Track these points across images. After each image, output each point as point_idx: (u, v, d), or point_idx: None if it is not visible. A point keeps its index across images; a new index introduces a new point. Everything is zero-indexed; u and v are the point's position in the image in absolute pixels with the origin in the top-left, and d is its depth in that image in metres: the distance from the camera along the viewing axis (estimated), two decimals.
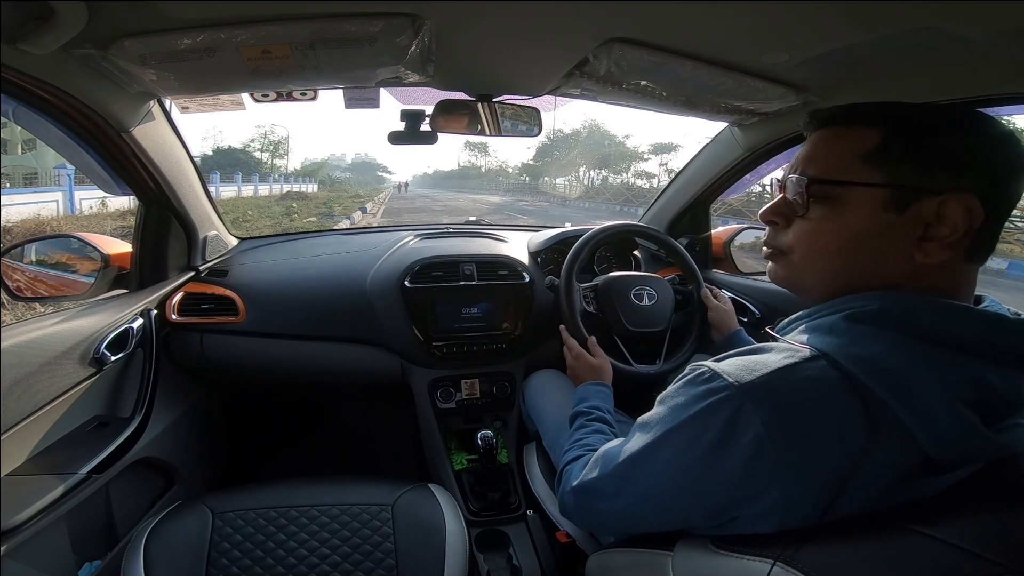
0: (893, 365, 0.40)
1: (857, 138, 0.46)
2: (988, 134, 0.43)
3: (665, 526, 0.52)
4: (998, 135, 0.43)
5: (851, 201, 0.46)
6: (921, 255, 0.43)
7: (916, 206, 0.43)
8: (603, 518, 0.59)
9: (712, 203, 1.45)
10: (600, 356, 0.98)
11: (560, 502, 0.66)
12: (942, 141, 0.43)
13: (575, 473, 0.63)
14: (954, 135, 0.43)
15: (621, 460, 0.54)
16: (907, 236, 0.43)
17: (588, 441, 0.72)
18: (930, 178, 0.43)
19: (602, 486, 0.56)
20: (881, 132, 0.45)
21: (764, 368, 0.43)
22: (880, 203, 0.44)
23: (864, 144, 0.45)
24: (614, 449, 0.57)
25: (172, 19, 0.64)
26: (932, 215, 0.42)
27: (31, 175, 13.96)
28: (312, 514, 0.81)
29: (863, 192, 0.45)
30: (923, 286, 0.44)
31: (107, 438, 0.84)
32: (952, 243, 0.42)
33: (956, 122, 0.44)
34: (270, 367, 1.19)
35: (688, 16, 0.65)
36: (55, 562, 0.79)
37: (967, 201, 0.41)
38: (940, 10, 0.57)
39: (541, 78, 0.90)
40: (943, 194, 0.42)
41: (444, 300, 1.17)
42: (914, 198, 0.43)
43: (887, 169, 0.44)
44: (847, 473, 0.39)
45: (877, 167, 0.44)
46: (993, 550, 0.32)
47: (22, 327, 0.77)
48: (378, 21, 0.66)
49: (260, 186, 25.44)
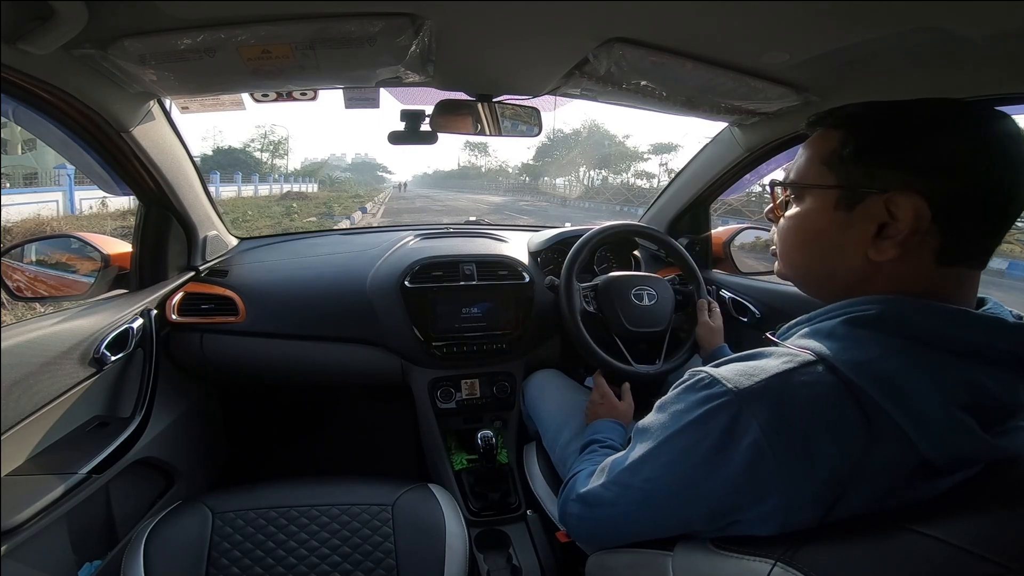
0: (890, 370, 0.40)
1: (824, 141, 0.49)
2: (959, 133, 0.42)
3: (666, 531, 0.52)
4: (964, 134, 0.42)
5: (810, 202, 0.49)
6: (873, 252, 0.44)
7: (862, 205, 0.45)
8: (603, 527, 0.59)
9: (712, 203, 1.45)
10: (628, 402, 0.94)
11: (561, 511, 0.65)
12: (890, 141, 0.44)
13: (580, 483, 0.63)
14: (905, 135, 0.43)
15: (621, 468, 0.54)
16: (859, 233, 0.45)
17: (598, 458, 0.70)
18: (872, 178, 0.44)
19: (603, 493, 0.56)
20: (841, 135, 0.47)
21: (762, 373, 0.43)
22: (831, 203, 0.47)
23: (827, 147, 0.48)
24: (615, 459, 0.57)
25: (172, 19, 0.64)
26: (882, 213, 0.43)
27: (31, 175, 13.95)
28: (312, 514, 0.81)
29: (819, 193, 0.48)
30: (889, 285, 0.45)
31: (107, 438, 0.84)
32: (900, 241, 0.43)
33: (917, 121, 0.44)
34: (270, 367, 1.19)
35: (688, 16, 0.65)
36: (55, 562, 0.79)
37: (912, 200, 0.42)
38: (940, 10, 0.57)
39: (541, 78, 0.90)
40: (888, 192, 0.43)
41: (444, 300, 1.17)
42: (860, 197, 0.45)
43: (839, 170, 0.46)
44: (846, 477, 0.39)
45: (832, 168, 0.47)
46: (993, 550, 0.32)
47: (22, 327, 0.77)
48: (378, 21, 0.66)
49: (260, 186, 25.42)
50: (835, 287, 0.49)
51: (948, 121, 0.43)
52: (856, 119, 0.47)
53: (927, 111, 0.44)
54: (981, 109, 0.44)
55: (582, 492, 0.60)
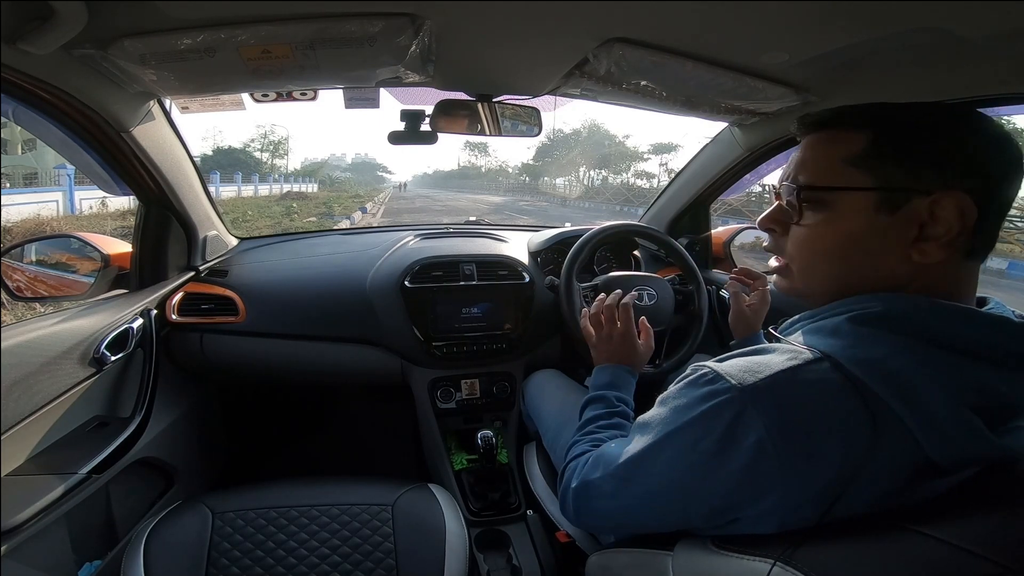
0: (897, 368, 0.40)
1: (844, 142, 0.46)
2: (977, 133, 0.43)
3: (665, 527, 0.52)
4: (988, 134, 0.43)
5: (842, 205, 0.46)
6: (918, 255, 0.43)
7: (907, 207, 0.43)
8: (602, 518, 0.59)
9: (712, 203, 1.45)
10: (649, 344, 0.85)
11: (561, 501, 0.65)
12: (928, 141, 0.43)
13: (577, 472, 0.62)
14: (940, 134, 0.43)
15: (622, 461, 0.53)
16: (902, 237, 0.44)
17: (600, 436, 0.68)
18: (917, 179, 0.43)
19: (603, 486, 0.56)
20: (867, 135, 0.45)
21: (767, 370, 0.43)
22: (871, 206, 0.45)
23: (851, 148, 0.46)
24: (614, 449, 0.56)
25: (172, 19, 0.64)
26: (925, 215, 0.43)
27: (31, 175, 13.95)
28: (312, 514, 0.81)
29: (853, 196, 0.45)
30: (924, 286, 0.44)
31: (107, 438, 0.84)
32: (948, 242, 0.42)
33: (942, 121, 0.44)
34: (270, 367, 1.19)
35: (688, 16, 0.65)
36: (55, 562, 0.79)
37: (958, 199, 0.41)
38: (940, 10, 0.57)
39: (541, 78, 0.90)
40: (933, 194, 0.42)
41: (444, 300, 1.17)
42: (904, 199, 0.43)
43: (875, 172, 0.44)
44: (849, 476, 0.39)
45: (865, 170, 0.45)
46: (994, 550, 0.32)
47: (22, 327, 0.77)
48: (378, 21, 0.66)
49: (260, 186, 25.42)
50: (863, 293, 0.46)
51: (967, 121, 0.44)
52: (884, 120, 0.46)
53: (945, 112, 0.45)
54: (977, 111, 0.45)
55: (582, 481, 0.60)
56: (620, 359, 0.81)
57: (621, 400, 0.75)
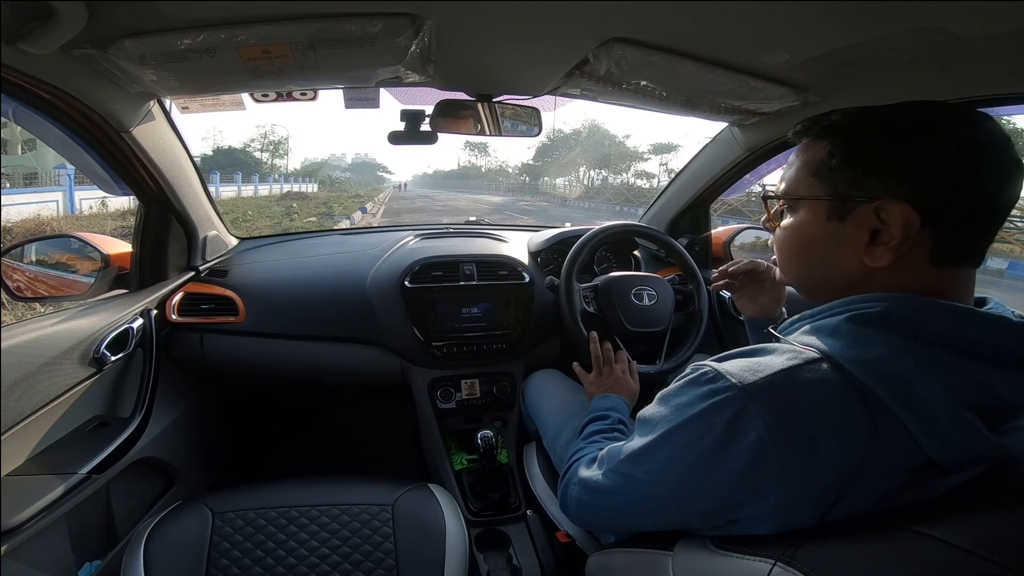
0: (896, 369, 0.40)
1: (811, 152, 0.50)
2: (932, 141, 0.42)
3: (665, 525, 0.52)
4: (950, 142, 0.42)
5: (805, 211, 0.50)
6: (868, 259, 0.45)
7: (854, 214, 0.46)
8: (602, 515, 0.59)
9: (712, 203, 1.45)
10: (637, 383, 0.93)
11: (561, 498, 0.65)
12: (875, 150, 0.45)
13: (578, 470, 0.63)
14: (889, 143, 0.44)
15: (622, 458, 0.54)
16: (854, 241, 0.46)
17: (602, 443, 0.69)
18: (860, 187, 0.45)
19: (604, 483, 0.56)
20: (826, 145, 0.48)
21: (767, 369, 0.43)
22: (824, 213, 0.48)
23: (814, 157, 0.49)
24: (617, 447, 0.57)
25: (172, 19, 0.64)
26: (874, 221, 0.44)
27: (31, 175, 13.95)
28: (312, 514, 0.81)
29: (810, 204, 0.49)
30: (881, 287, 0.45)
31: (107, 438, 0.84)
32: (893, 247, 0.44)
33: (896, 130, 0.44)
34: (270, 367, 1.19)
35: (688, 16, 0.65)
36: (55, 562, 0.79)
37: (900, 207, 0.42)
38: (940, 10, 0.57)
39: (541, 78, 0.90)
40: (876, 201, 0.44)
41: (444, 300, 1.17)
42: (850, 207, 0.46)
43: (826, 181, 0.48)
44: (849, 475, 0.39)
45: (820, 179, 0.48)
46: (993, 550, 0.32)
47: (22, 327, 0.77)
48: (378, 21, 0.66)
49: (260, 186, 25.43)
50: (833, 292, 0.49)
51: (931, 126, 0.43)
52: (839, 128, 0.48)
53: (910, 117, 0.45)
54: (964, 113, 0.44)
55: (583, 477, 0.60)
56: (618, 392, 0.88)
57: (622, 422, 0.79)
